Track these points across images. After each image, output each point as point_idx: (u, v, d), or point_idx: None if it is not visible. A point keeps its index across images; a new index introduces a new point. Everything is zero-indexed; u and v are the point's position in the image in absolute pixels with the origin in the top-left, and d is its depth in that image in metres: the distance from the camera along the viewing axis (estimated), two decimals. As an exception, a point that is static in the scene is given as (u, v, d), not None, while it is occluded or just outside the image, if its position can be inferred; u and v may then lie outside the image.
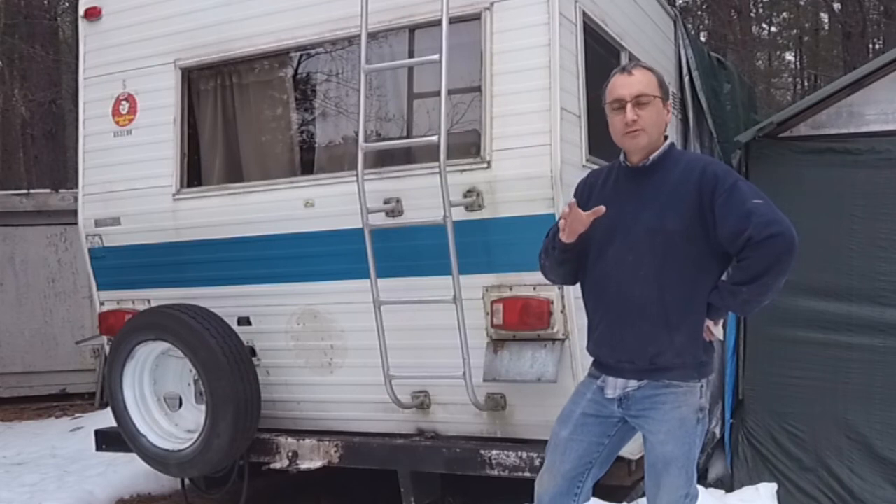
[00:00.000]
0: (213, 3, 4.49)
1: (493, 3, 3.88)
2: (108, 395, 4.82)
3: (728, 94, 6.21)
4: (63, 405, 8.68)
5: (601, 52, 4.31)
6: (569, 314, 3.81)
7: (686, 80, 5.58)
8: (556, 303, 3.81)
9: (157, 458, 4.49)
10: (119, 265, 4.80)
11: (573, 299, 3.73)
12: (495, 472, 3.94)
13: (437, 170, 3.77)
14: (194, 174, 4.69)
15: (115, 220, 4.76)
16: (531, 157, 3.78)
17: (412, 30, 4.11)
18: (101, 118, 4.80)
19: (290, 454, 4.39)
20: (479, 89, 3.93)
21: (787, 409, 4.79)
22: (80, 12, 4.88)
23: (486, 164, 3.86)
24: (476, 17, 3.92)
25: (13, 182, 13.54)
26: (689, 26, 13.76)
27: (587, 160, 3.98)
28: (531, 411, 3.96)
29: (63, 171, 12.35)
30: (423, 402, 4.17)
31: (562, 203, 3.61)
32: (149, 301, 4.73)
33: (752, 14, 19.17)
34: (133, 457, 4.86)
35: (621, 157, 2.79)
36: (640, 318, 2.65)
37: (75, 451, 6.51)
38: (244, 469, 4.53)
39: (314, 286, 4.32)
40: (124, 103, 4.74)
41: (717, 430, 5.12)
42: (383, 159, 4.17)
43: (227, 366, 4.20)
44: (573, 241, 2.69)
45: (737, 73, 6.90)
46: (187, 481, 4.93)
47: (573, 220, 2.63)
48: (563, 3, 3.84)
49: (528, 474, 3.76)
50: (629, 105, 2.65)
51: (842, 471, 4.61)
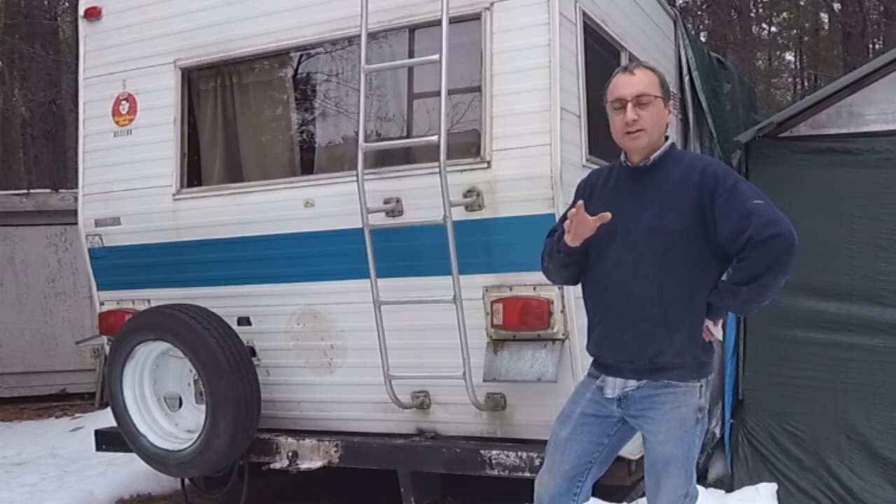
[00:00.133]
0: (213, 3, 4.49)
1: (493, 3, 3.88)
2: (108, 395, 4.82)
3: (728, 94, 6.21)
4: (63, 405, 8.68)
5: (601, 52, 4.31)
6: (569, 314, 3.81)
7: (686, 80, 5.58)
8: (556, 303, 3.81)
9: (157, 458, 4.49)
10: (119, 265, 4.80)
11: (573, 299, 3.73)
12: (495, 472, 3.94)
13: (437, 170, 3.77)
14: (194, 174, 4.69)
15: (115, 220, 4.76)
16: (531, 157, 3.78)
17: (412, 30, 4.11)
18: (101, 118, 4.80)
19: (290, 454, 4.39)
20: (479, 89, 3.93)
21: (787, 409, 4.79)
22: (80, 12, 4.88)
23: (486, 164, 3.86)
24: (476, 17, 3.92)
25: (13, 182, 13.53)
26: (689, 26, 13.76)
27: (587, 160, 3.97)
28: (531, 411, 3.96)
29: (63, 171, 12.35)
30: (423, 402, 4.17)
31: (562, 203, 3.61)
32: (149, 301, 4.73)
33: (752, 14, 19.17)
34: (133, 457, 4.86)
35: (622, 157, 2.79)
36: (640, 317, 2.65)
37: (75, 451, 6.50)
38: (244, 469, 4.53)
39: (314, 286, 4.32)
40: (124, 103, 4.75)
41: (717, 430, 5.12)
42: (383, 159, 4.17)
43: (227, 366, 4.21)
44: (578, 245, 2.69)
45: (737, 73, 6.90)
46: (187, 481, 4.93)
47: (579, 223, 2.62)
48: (563, 3, 3.84)
49: (528, 474, 3.76)
50: (630, 105, 2.65)
51: (842, 471, 4.61)
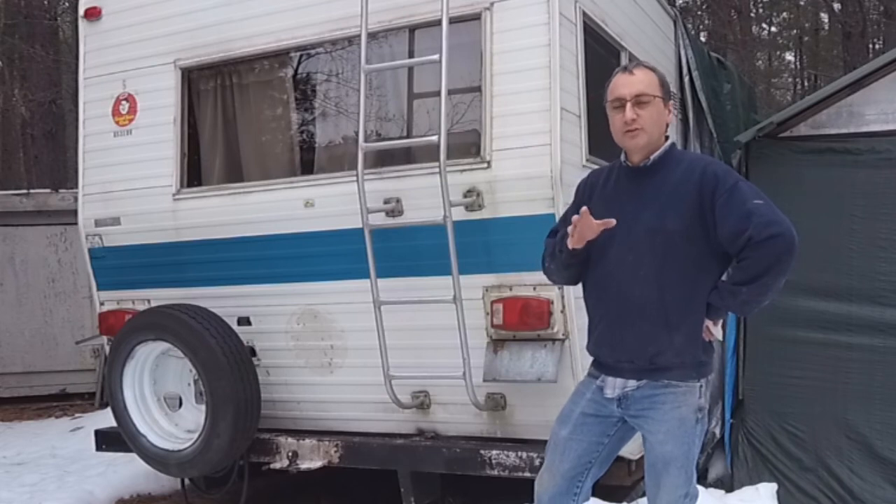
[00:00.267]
0: (213, 3, 4.49)
1: (493, 3, 3.88)
2: (108, 395, 4.82)
3: (728, 94, 6.21)
4: (63, 405, 8.68)
5: (601, 52, 4.31)
6: (569, 314, 3.81)
7: (686, 80, 5.58)
8: (556, 303, 3.81)
9: (157, 458, 4.49)
10: (119, 265, 4.80)
11: (573, 299, 3.73)
12: (495, 472, 3.94)
13: (437, 170, 3.77)
14: (194, 174, 4.69)
15: (115, 220, 4.76)
16: (531, 157, 3.78)
17: (412, 30, 4.11)
18: (101, 118, 4.80)
19: (290, 454, 4.39)
20: (479, 89, 3.93)
21: (787, 409, 4.79)
22: (80, 12, 4.88)
23: (486, 164, 3.86)
24: (476, 17, 3.92)
25: (13, 182, 13.53)
26: (689, 26, 13.76)
27: (587, 160, 3.97)
28: (531, 411, 3.96)
29: (63, 171, 12.35)
30: (423, 402, 4.17)
31: (562, 203, 3.61)
32: (149, 301, 4.73)
33: (752, 14, 19.17)
34: (133, 457, 4.85)
35: (622, 157, 2.79)
36: (640, 317, 2.65)
37: (75, 451, 6.50)
38: (244, 469, 4.53)
39: (314, 286, 4.32)
40: (124, 103, 4.74)
41: (717, 430, 5.12)
42: (383, 159, 4.17)
43: (227, 366, 4.21)
44: (580, 247, 2.69)
45: (737, 73, 6.90)
46: (187, 481, 4.93)
47: (584, 226, 2.63)
48: (563, 3, 3.84)
49: (528, 474, 3.76)
50: (629, 104, 2.65)
51: (842, 471, 4.61)
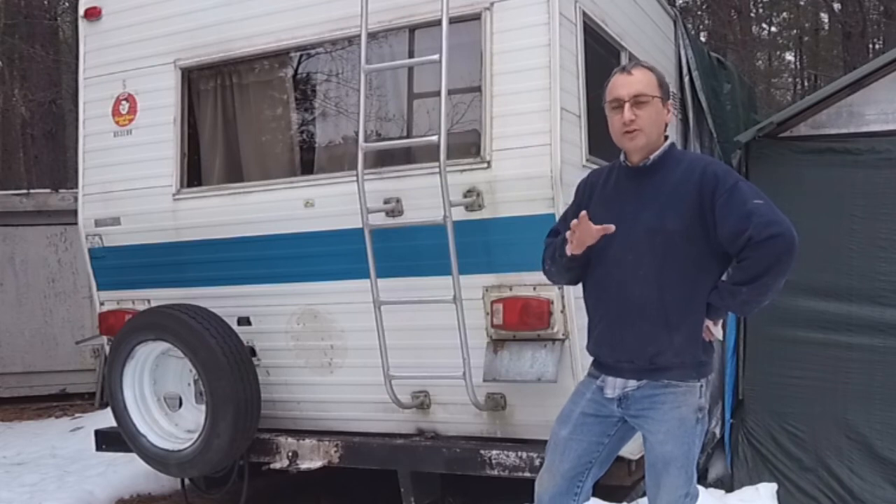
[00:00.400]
0: (213, 3, 4.49)
1: (493, 3, 3.88)
2: (108, 395, 4.82)
3: (728, 94, 6.21)
4: (63, 405, 8.68)
5: (601, 52, 4.31)
6: (569, 314, 3.81)
7: (686, 80, 5.58)
8: (556, 303, 3.81)
9: (157, 458, 4.49)
10: (119, 265, 4.80)
11: (573, 299, 3.73)
12: (495, 472, 3.94)
13: (437, 170, 3.77)
14: (194, 174, 4.69)
15: (115, 220, 4.76)
16: (531, 157, 3.78)
17: (412, 30, 4.11)
18: (101, 118, 4.80)
19: (290, 454, 4.38)
20: (479, 89, 3.93)
21: (787, 409, 4.79)
22: (80, 12, 4.88)
23: (486, 164, 3.86)
24: (476, 17, 3.92)
25: (13, 182, 13.53)
26: (689, 26, 13.76)
27: (587, 160, 3.97)
28: (531, 411, 3.96)
29: (63, 171, 12.35)
30: (423, 402, 4.17)
31: (562, 203, 3.61)
32: (149, 301, 4.73)
33: (752, 14, 19.17)
34: (133, 457, 4.85)
35: (621, 157, 2.79)
36: (640, 317, 2.65)
37: (75, 451, 6.50)
38: (244, 469, 4.53)
39: (314, 286, 4.32)
40: (124, 103, 4.74)
41: (717, 430, 5.12)
42: (383, 159, 4.17)
43: (227, 366, 4.21)
44: (580, 253, 2.69)
45: (737, 73, 6.90)
46: (187, 481, 4.93)
47: (583, 232, 2.62)
48: (563, 3, 3.83)
49: (528, 474, 3.76)
50: (627, 104, 2.65)
51: (842, 471, 4.61)
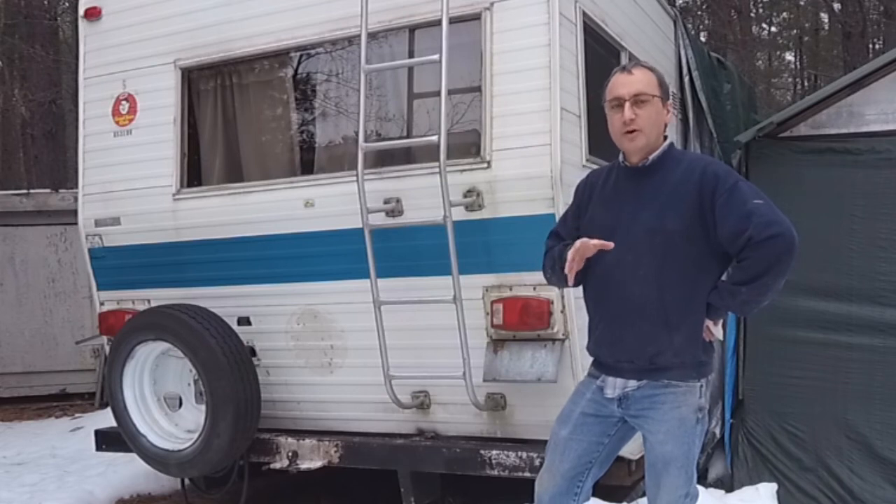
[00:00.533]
0: (213, 3, 4.49)
1: (493, 3, 3.88)
2: (108, 395, 4.83)
3: (728, 94, 6.21)
4: (63, 405, 8.68)
5: (601, 52, 4.31)
6: (569, 314, 3.81)
7: (686, 80, 5.58)
8: (556, 303, 3.81)
9: (157, 458, 4.49)
10: (119, 265, 4.80)
11: (573, 299, 3.73)
12: (495, 472, 3.94)
13: (437, 170, 3.77)
14: (194, 174, 4.69)
15: (115, 220, 4.76)
16: (531, 157, 3.78)
17: (412, 30, 4.11)
18: (101, 118, 4.80)
19: (290, 454, 4.39)
20: (479, 89, 3.93)
21: (787, 409, 4.79)
22: (80, 12, 4.88)
23: (486, 164, 3.86)
24: (476, 17, 3.92)
25: (13, 182, 13.53)
26: (689, 26, 13.76)
27: (587, 160, 3.97)
28: (531, 411, 3.96)
29: (63, 171, 12.35)
30: (423, 402, 4.17)
31: (562, 203, 3.61)
32: (149, 301, 4.73)
33: (752, 14, 19.17)
34: (133, 457, 4.85)
35: (620, 158, 2.79)
36: (640, 317, 2.65)
37: (75, 451, 6.50)
38: (244, 469, 4.53)
39: (314, 286, 4.32)
40: (124, 103, 4.74)
41: (717, 430, 5.12)
42: (383, 159, 4.17)
43: (227, 366, 4.21)
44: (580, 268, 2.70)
45: (737, 73, 6.90)
46: (187, 481, 4.93)
47: (582, 248, 2.64)
48: (563, 3, 3.83)
49: (528, 474, 3.76)
50: (627, 104, 2.65)
51: (842, 471, 4.61)
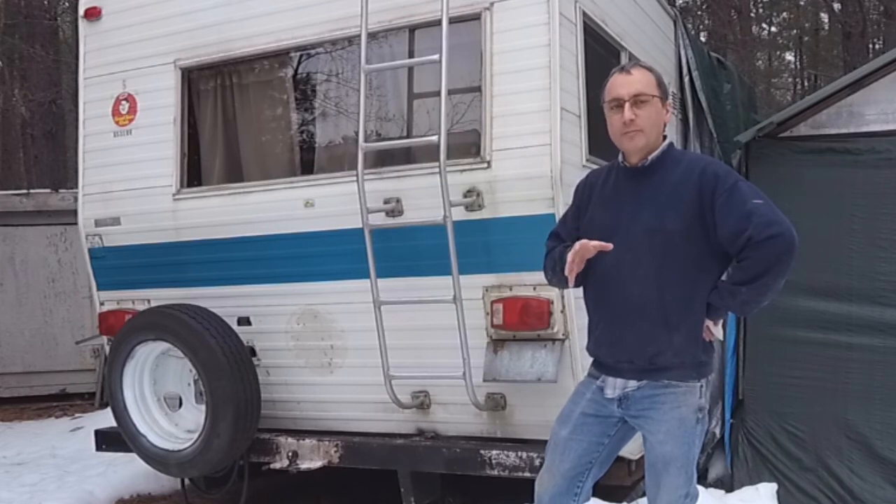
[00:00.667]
0: (213, 3, 4.49)
1: (493, 3, 3.88)
2: (108, 395, 4.83)
3: (728, 94, 6.21)
4: (63, 405, 8.68)
5: (601, 52, 4.31)
6: (569, 314, 3.81)
7: (686, 80, 5.58)
8: (556, 303, 3.81)
9: (157, 458, 4.49)
10: (119, 265, 4.80)
11: (573, 299, 3.73)
12: (495, 472, 3.94)
13: (437, 170, 3.77)
14: (194, 174, 4.69)
15: (115, 220, 4.76)
16: (531, 157, 3.78)
17: (412, 30, 4.11)
18: (101, 118, 4.80)
19: (290, 454, 4.38)
20: (479, 89, 3.93)
21: (787, 409, 4.79)
22: (80, 12, 4.88)
23: (486, 164, 3.86)
24: (476, 17, 3.92)
25: (13, 182, 13.53)
26: (689, 26, 13.76)
27: (587, 160, 3.97)
28: (531, 411, 3.96)
29: (63, 171, 12.35)
30: (423, 402, 4.17)
31: (562, 203, 3.61)
32: (149, 301, 4.73)
33: (752, 14, 19.17)
34: (133, 457, 4.86)
35: (620, 158, 2.78)
36: (640, 317, 2.65)
37: (75, 451, 6.50)
38: (244, 469, 4.53)
39: (314, 286, 4.32)
40: (124, 103, 4.74)
41: (717, 430, 5.12)
42: (383, 159, 4.17)
43: (227, 366, 4.21)
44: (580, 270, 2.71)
45: (737, 73, 6.90)
46: (187, 481, 4.93)
47: (582, 250, 2.64)
48: (563, 3, 3.83)
49: (528, 474, 3.76)
50: (627, 104, 2.64)
51: (842, 471, 4.61)
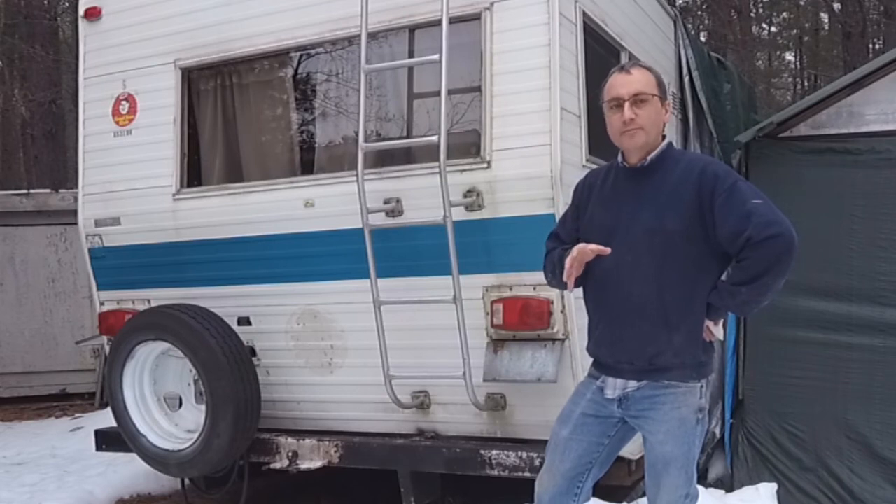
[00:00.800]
0: (213, 3, 4.49)
1: (493, 3, 3.88)
2: (108, 395, 4.83)
3: (728, 94, 6.20)
4: (63, 405, 8.68)
5: (601, 52, 4.31)
6: (569, 314, 3.81)
7: (686, 80, 5.58)
8: (556, 303, 3.81)
9: (157, 458, 4.49)
10: (119, 265, 4.80)
11: (573, 299, 3.73)
12: (495, 472, 3.94)
13: (437, 170, 3.77)
14: (194, 174, 4.69)
15: (115, 220, 4.76)
16: (531, 157, 3.78)
17: (412, 30, 4.11)
18: (101, 118, 4.80)
19: (290, 454, 4.39)
20: (479, 89, 3.93)
21: (787, 409, 4.79)
22: (80, 12, 4.88)
23: (486, 164, 3.86)
24: (476, 17, 3.92)
25: (13, 182, 13.53)
26: (689, 26, 13.76)
27: (587, 160, 3.97)
28: (531, 411, 3.96)
29: (63, 171, 12.35)
30: (423, 402, 4.17)
31: (562, 203, 3.61)
32: (149, 301, 4.73)
33: (752, 14, 19.18)
34: (133, 457, 4.86)
35: (619, 158, 2.78)
36: (640, 318, 2.65)
37: (75, 451, 6.50)
38: (244, 469, 4.53)
39: (314, 286, 4.32)
40: (124, 103, 4.75)
41: (717, 430, 5.12)
42: (383, 159, 4.17)
43: (227, 366, 4.21)
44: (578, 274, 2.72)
45: (737, 73, 6.90)
46: (187, 481, 4.93)
47: (580, 254, 2.65)
48: (563, 3, 3.84)
49: (528, 474, 3.76)
50: (627, 104, 2.64)
51: (842, 471, 4.61)
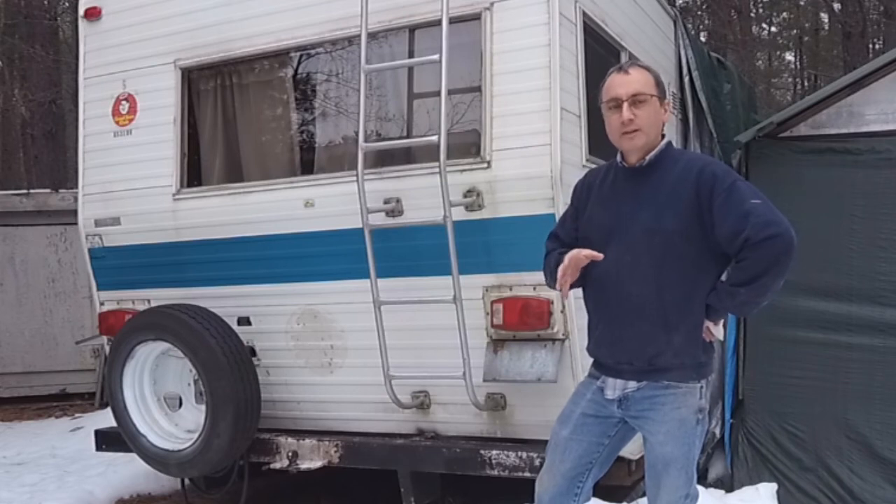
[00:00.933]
0: (213, 3, 4.49)
1: (493, 3, 3.88)
2: (108, 395, 4.83)
3: (728, 94, 6.20)
4: (63, 405, 8.68)
5: (601, 52, 4.31)
6: (569, 314, 3.81)
7: (686, 80, 5.58)
8: (556, 303, 3.81)
9: (157, 458, 4.49)
10: (119, 265, 4.80)
11: (573, 299, 3.71)
12: (495, 472, 3.94)
13: (437, 170, 3.77)
14: (194, 174, 4.69)
15: (115, 220, 4.76)
16: (531, 157, 3.78)
17: (412, 30, 4.11)
18: (101, 118, 4.80)
19: (290, 454, 4.39)
20: (479, 89, 3.93)
21: (787, 409, 4.79)
22: (80, 12, 4.89)
23: (486, 164, 3.86)
24: (476, 17, 3.92)
25: (13, 182, 13.53)
26: (689, 26, 13.76)
27: (587, 160, 3.97)
28: (531, 411, 3.96)
29: (63, 171, 12.35)
30: (423, 402, 4.17)
31: (562, 203, 3.61)
32: (149, 301, 4.73)
33: (752, 14, 19.18)
34: (133, 457, 4.86)
35: (618, 158, 2.78)
36: (639, 318, 2.65)
37: (75, 451, 6.50)
38: (244, 469, 4.53)
39: (314, 286, 4.32)
40: (124, 103, 4.75)
41: (717, 430, 5.12)
42: (383, 159, 4.17)
43: (227, 366, 4.21)
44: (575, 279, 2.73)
45: (737, 73, 6.90)
46: (187, 481, 4.93)
47: (575, 263, 2.66)
48: (563, 3, 3.84)
49: (528, 474, 3.76)
50: (626, 104, 2.64)
51: (842, 471, 4.61)
